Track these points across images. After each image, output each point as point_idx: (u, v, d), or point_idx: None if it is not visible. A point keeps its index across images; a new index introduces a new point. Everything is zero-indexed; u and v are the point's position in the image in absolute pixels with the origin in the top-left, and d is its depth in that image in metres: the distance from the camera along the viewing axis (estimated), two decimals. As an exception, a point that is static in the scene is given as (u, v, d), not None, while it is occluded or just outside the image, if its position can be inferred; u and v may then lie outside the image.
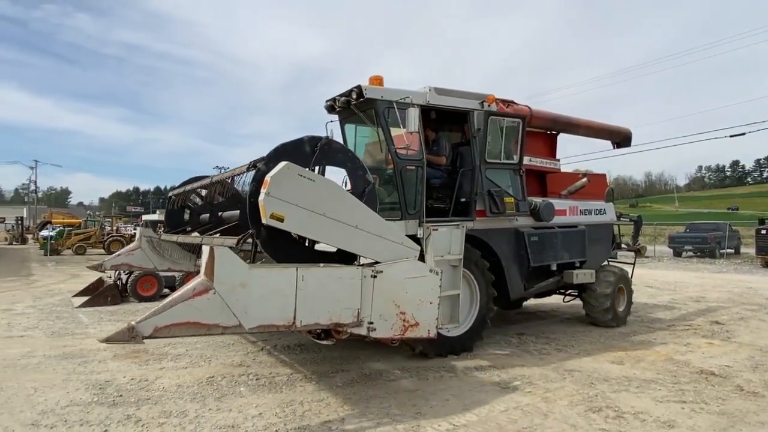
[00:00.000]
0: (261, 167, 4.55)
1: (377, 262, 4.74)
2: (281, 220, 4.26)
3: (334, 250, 4.90)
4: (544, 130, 8.59)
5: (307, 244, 4.97)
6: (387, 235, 4.81)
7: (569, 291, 8.73)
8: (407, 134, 5.91)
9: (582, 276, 7.94)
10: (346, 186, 5.50)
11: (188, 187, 7.56)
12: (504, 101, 7.46)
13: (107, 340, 3.74)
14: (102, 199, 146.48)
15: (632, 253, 10.16)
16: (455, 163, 7.10)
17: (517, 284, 7.30)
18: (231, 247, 4.33)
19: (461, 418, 4.46)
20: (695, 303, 11.25)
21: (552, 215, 7.51)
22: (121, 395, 4.98)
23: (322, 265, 4.57)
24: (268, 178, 4.24)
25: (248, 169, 5.12)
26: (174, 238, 7.25)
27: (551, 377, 5.60)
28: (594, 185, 8.92)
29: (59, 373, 5.68)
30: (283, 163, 4.32)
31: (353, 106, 6.37)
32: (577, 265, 8.10)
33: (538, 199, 7.52)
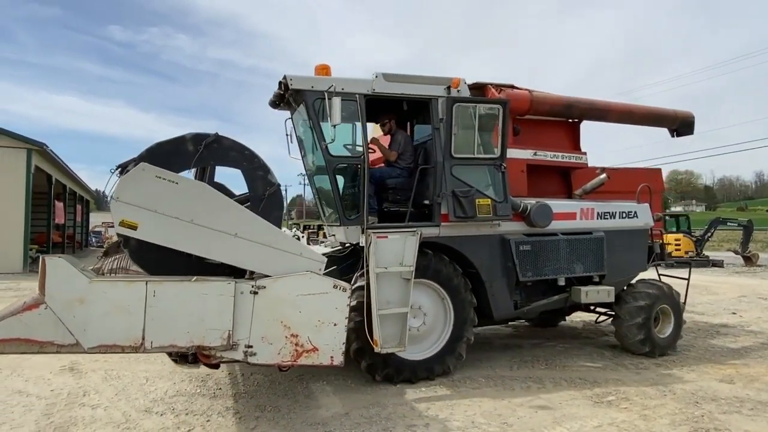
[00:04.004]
0: (131, 168, 4.12)
1: (260, 277, 4.19)
2: (134, 227, 3.90)
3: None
4: (563, 119, 7.45)
5: (192, 256, 4.36)
6: (279, 245, 4.22)
7: (601, 310, 7.33)
8: (331, 127, 5.25)
9: (593, 294, 6.50)
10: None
11: None
12: (497, 86, 6.54)
13: None
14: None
15: (687, 266, 8.20)
16: (425, 161, 6.20)
17: (504, 302, 6.22)
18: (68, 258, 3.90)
19: (551, 431, 4.30)
20: (821, 319, 9.97)
21: (548, 220, 6.30)
22: (220, 388, 5.34)
23: (194, 278, 4.01)
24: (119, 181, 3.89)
25: (116, 171, 4.61)
26: None
27: (650, 393, 5.23)
28: (625, 182, 7.45)
29: (167, 365, 6.19)
30: (139, 164, 3.98)
31: (290, 99, 5.83)
32: (596, 279, 6.77)
33: (530, 201, 6.36)
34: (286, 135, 6.37)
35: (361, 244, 5.48)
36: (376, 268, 5.19)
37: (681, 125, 8.21)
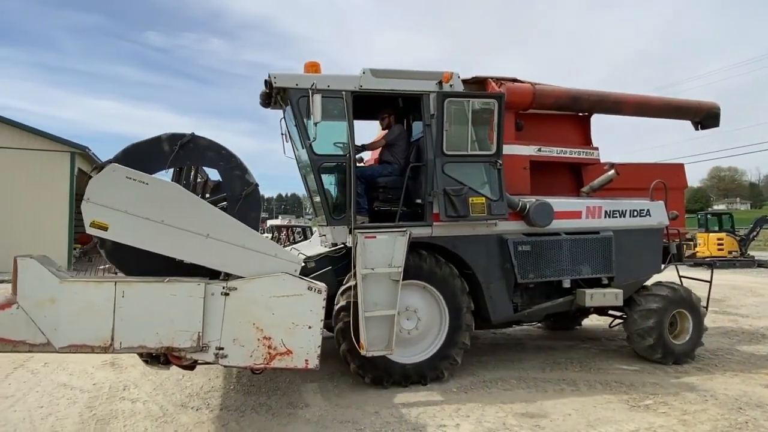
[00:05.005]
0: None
1: (234, 278, 4.14)
2: (104, 228, 3.92)
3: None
4: (572, 112, 7.10)
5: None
6: (252, 246, 4.17)
7: (615, 313, 6.97)
8: (313, 124, 5.15)
9: (599, 297, 6.16)
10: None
11: None
12: (498, 79, 6.31)
13: None
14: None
15: (709, 268, 7.49)
16: (417, 158, 6.00)
17: (503, 304, 5.98)
18: (43, 258, 3.96)
19: (585, 434, 4.21)
20: None
21: (548, 219, 6.01)
22: (253, 385, 5.45)
23: (166, 279, 4.00)
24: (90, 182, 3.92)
25: (93, 172, 4.49)
26: None
27: (690, 398, 5.06)
28: (642, 179, 6.94)
29: (202, 361, 6.36)
30: (109, 165, 4.01)
31: (278, 98, 5.77)
32: (605, 281, 6.43)
33: (529, 199, 6.09)
34: (281, 134, 6.32)
35: (348, 245, 5.39)
36: (363, 269, 5.10)
37: (705, 117, 7.67)
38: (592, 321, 8.62)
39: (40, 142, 18.36)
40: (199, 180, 5.18)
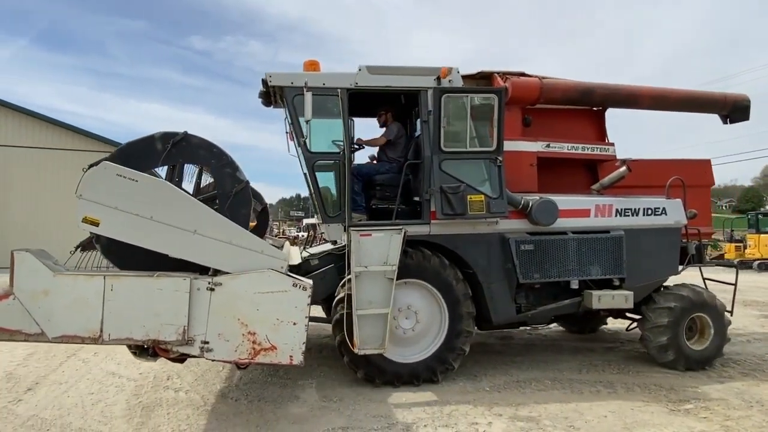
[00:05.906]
0: None
1: (221, 274, 4.20)
2: (96, 224, 4.06)
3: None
4: (585, 107, 6.89)
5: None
6: (239, 242, 4.24)
7: (633, 316, 6.64)
8: (305, 122, 5.13)
9: (608, 299, 5.89)
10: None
11: None
12: (504, 74, 6.19)
13: None
14: (270, 205, 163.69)
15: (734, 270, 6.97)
16: (415, 156, 5.92)
17: (504, 305, 5.81)
18: (39, 252, 4.11)
19: (621, 436, 4.14)
20: None
21: (552, 217, 5.79)
22: (289, 378, 5.61)
23: (156, 274, 4.11)
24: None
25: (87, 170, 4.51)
26: None
27: (733, 404, 4.88)
28: (663, 175, 6.55)
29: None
30: (101, 163, 4.15)
31: (278, 97, 5.76)
32: (616, 283, 6.15)
33: (533, 197, 5.88)
34: (286, 132, 6.17)
35: (344, 242, 5.40)
36: (356, 267, 5.06)
37: (733, 110, 7.27)
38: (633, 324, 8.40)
39: (90, 144, 19.27)
40: (209, 181, 5.30)
